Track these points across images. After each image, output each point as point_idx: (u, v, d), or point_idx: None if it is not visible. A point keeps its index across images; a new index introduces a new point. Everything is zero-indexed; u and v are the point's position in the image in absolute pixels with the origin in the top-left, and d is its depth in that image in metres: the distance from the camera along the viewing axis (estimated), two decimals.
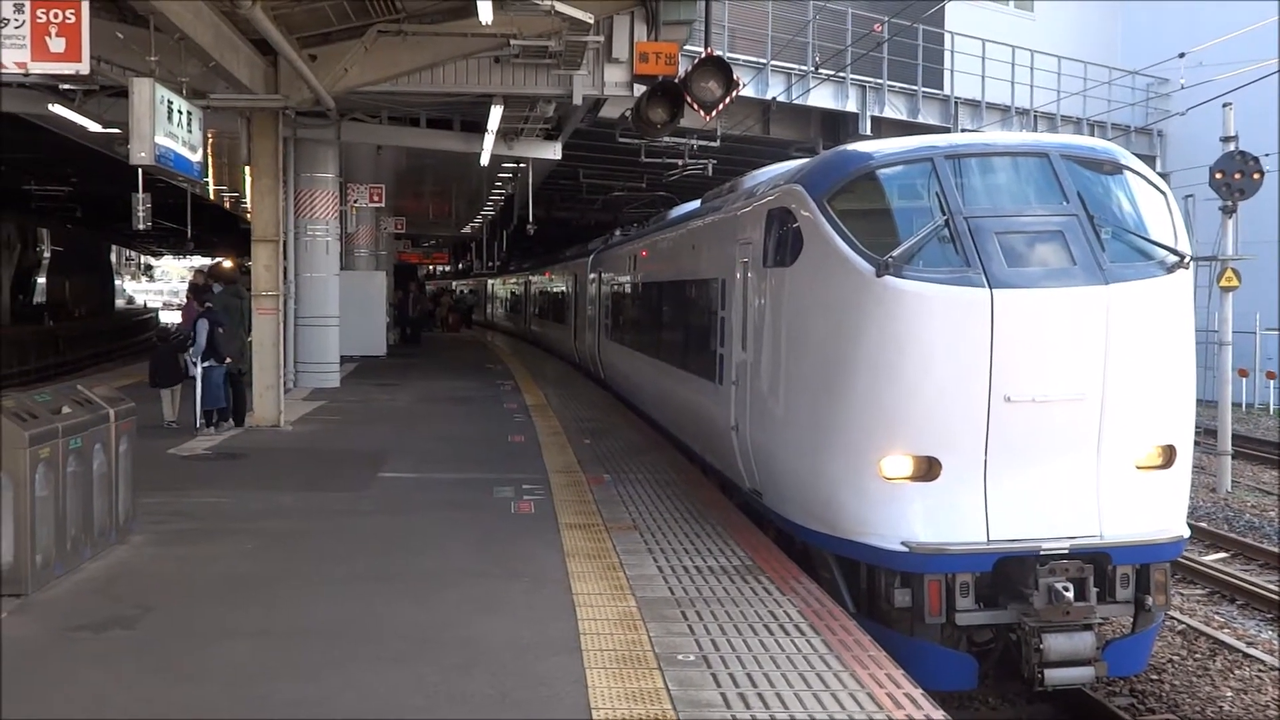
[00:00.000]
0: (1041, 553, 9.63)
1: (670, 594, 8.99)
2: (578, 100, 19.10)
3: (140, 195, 15.76)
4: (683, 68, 16.15)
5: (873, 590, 10.12)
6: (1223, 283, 23.01)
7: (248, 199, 24.49)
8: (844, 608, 9.31)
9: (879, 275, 9.63)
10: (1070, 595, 9.47)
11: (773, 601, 8.86)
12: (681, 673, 7.20)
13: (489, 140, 23.61)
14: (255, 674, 7.15)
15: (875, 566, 10.00)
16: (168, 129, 13.45)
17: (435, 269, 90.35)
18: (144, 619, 8.31)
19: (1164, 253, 10.02)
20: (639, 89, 17.53)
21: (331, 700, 6.71)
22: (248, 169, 20.79)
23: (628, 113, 16.85)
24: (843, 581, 10.31)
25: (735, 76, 15.16)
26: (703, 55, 15.62)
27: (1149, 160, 35.12)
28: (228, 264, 25.89)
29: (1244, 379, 34.28)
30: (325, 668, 7.26)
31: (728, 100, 14.42)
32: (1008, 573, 9.74)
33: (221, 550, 10.38)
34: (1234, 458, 23.91)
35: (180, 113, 13.97)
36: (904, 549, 9.65)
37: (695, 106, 14.49)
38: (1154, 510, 10.02)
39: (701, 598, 8.90)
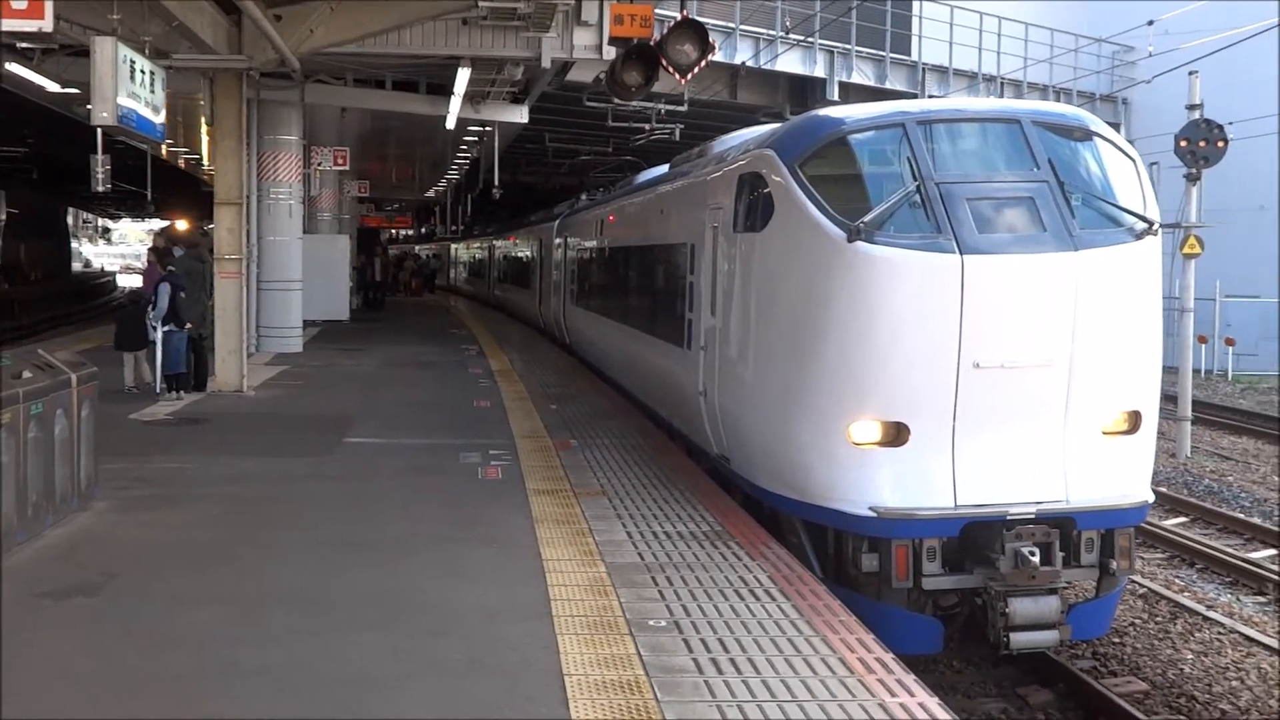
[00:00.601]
0: (1008, 518, 9.66)
1: (640, 559, 8.97)
2: (546, 63, 18.97)
3: (99, 157, 15.58)
4: (657, 31, 16.04)
5: (840, 555, 10.14)
6: (1185, 250, 23.12)
7: (208, 161, 24.28)
8: (811, 572, 9.31)
9: (850, 241, 9.59)
10: (1036, 560, 9.50)
11: (742, 567, 8.85)
12: (653, 638, 7.18)
13: (455, 103, 23.42)
14: (222, 641, 7.09)
15: (843, 531, 10.02)
16: (130, 89, 13.26)
17: (398, 233, 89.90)
18: (108, 586, 8.23)
19: (1133, 219, 10.03)
20: (609, 52, 17.41)
21: (300, 667, 6.66)
22: (205, 130, 20.58)
23: (601, 75, 16.72)
24: (810, 546, 10.32)
25: (710, 39, 15.06)
26: (678, 18, 15.49)
27: (1114, 128, 35.19)
28: (182, 225, 25.68)
29: (1203, 345, 34.51)
30: (293, 634, 7.21)
31: (703, 63, 14.34)
32: (974, 537, 9.77)
33: (185, 516, 10.30)
34: (1194, 423, 24.09)
35: (143, 73, 13.78)
36: (872, 514, 9.66)
37: (670, 69, 14.40)
38: (1119, 475, 10.07)
39: (671, 563, 8.89)
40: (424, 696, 6.21)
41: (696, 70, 14.34)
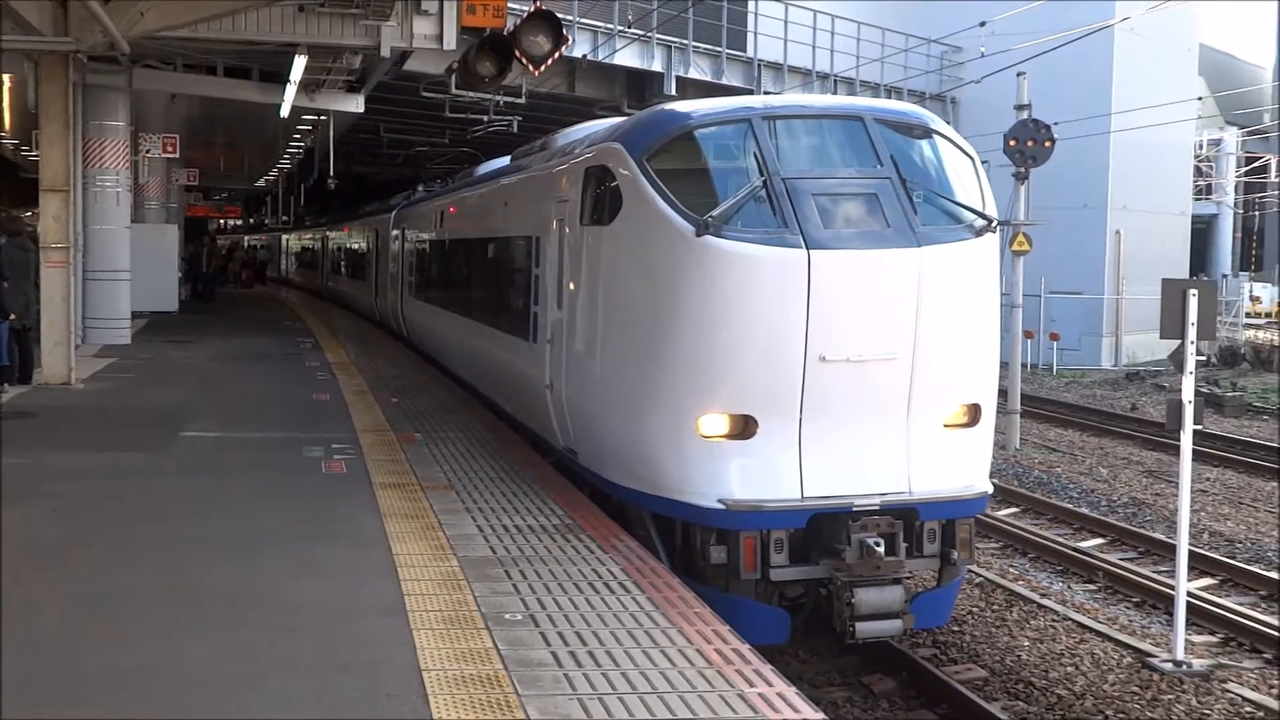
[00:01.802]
0: (854, 509, 9.80)
1: (492, 553, 8.92)
2: (385, 52, 18.76)
3: None
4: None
5: (688, 547, 10.20)
6: (1015, 247, 23.73)
7: (32, 147, 23.55)
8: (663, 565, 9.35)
9: (698, 235, 9.64)
10: (881, 550, 9.66)
11: (595, 560, 8.86)
12: (510, 632, 7.15)
13: (290, 91, 23.04)
14: (66, 643, 6.87)
15: (692, 524, 10.08)
16: None
17: (227, 223, 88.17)
18: None
19: (972, 216, 10.25)
20: (450, 42, 17.28)
21: (151, 668, 6.47)
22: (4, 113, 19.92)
23: (454, 65, 16.54)
24: (659, 539, 10.35)
25: (564, 31, 14.98)
26: (531, 9, 15.39)
27: None
28: None
29: (1030, 340, 35.49)
30: (142, 635, 7.01)
31: (557, 55, 14.29)
32: (820, 529, 9.89)
33: (20, 514, 9.91)
34: (1022, 417, 24.76)
35: None
36: (721, 506, 9.73)
37: (524, 61, 14.31)
38: (960, 467, 10.28)
39: (524, 556, 8.85)
40: (282, 696, 6.08)
41: (550, 61, 14.28)
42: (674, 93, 31.01)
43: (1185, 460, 11.38)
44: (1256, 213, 69.22)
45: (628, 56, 30.85)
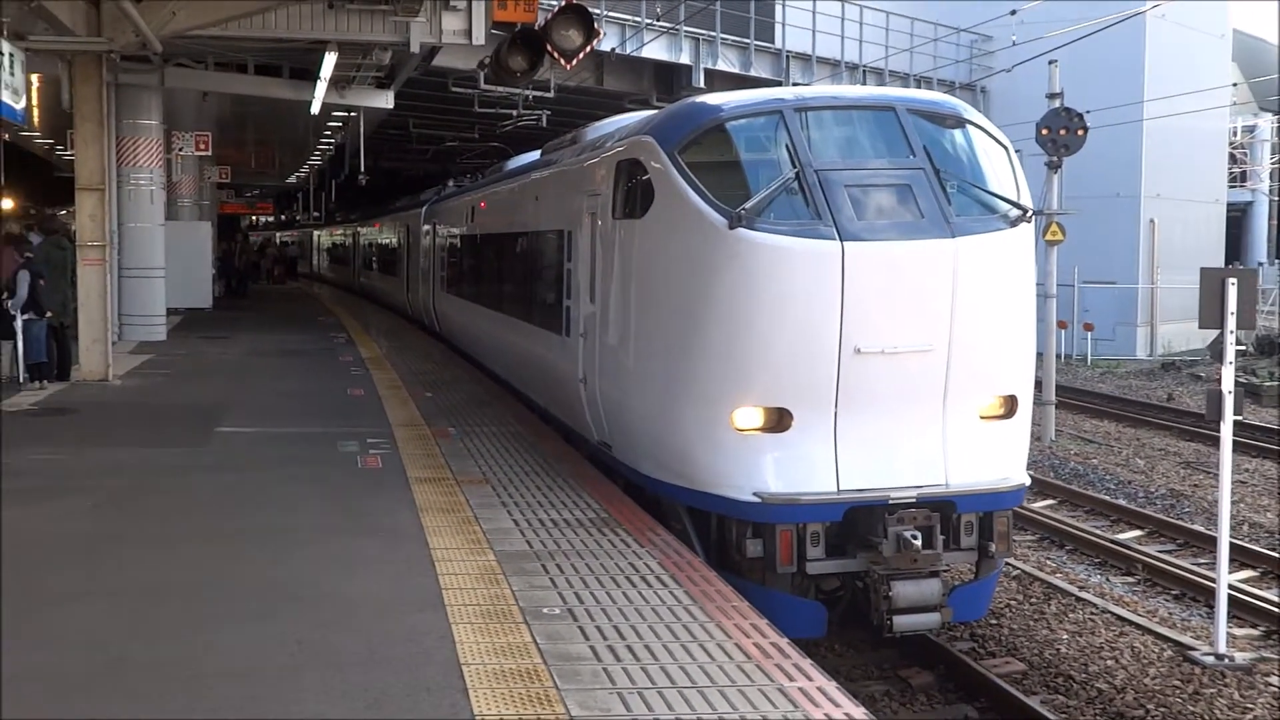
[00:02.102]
0: (890, 502, 9.77)
1: (529, 547, 8.93)
2: (415, 48, 18.79)
3: None
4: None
5: (724, 541, 10.19)
6: (1048, 237, 23.60)
7: (67, 146, 23.68)
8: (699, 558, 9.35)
9: (731, 227, 9.63)
10: (918, 543, 9.63)
11: (631, 554, 8.85)
12: (548, 626, 7.16)
13: (320, 88, 23.10)
14: (111, 636, 6.92)
15: (727, 517, 10.07)
16: None
17: (258, 219, 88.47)
18: None
19: (1007, 206, 10.19)
20: (479, 37, 17.28)
21: (193, 661, 6.52)
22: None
23: (486, 60, 16.51)
24: (694, 532, 10.35)
25: (596, 25, 14.92)
26: (562, 3, 15.33)
27: None
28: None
29: (1064, 331, 35.29)
30: (183, 628, 7.06)
31: (589, 48, 14.23)
32: (857, 522, 9.87)
33: (61, 509, 10.04)
34: (1057, 407, 24.64)
35: (2, 54, 13.37)
36: (756, 500, 9.72)
37: (556, 55, 14.25)
38: (997, 459, 10.24)
39: (560, 550, 8.86)
40: (322, 690, 6.11)
41: (582, 55, 14.24)
42: (702, 85, 30.98)
43: (1225, 451, 11.30)
44: None
45: (656, 49, 30.81)
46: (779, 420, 9.79)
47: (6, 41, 13.67)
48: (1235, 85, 46.72)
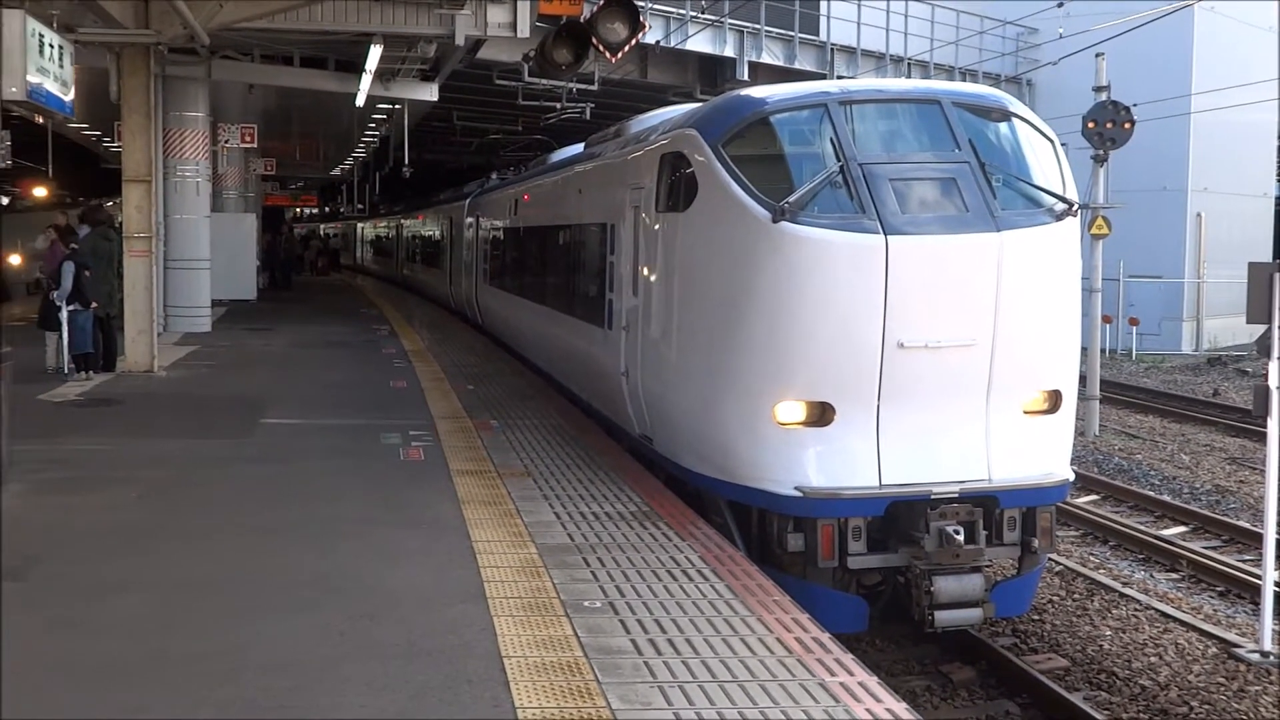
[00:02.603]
0: (932, 497, 9.73)
1: (570, 540, 8.94)
2: (460, 40, 18.86)
3: None
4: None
5: (765, 535, 10.17)
6: (1094, 230, 23.45)
7: (114, 138, 23.88)
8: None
9: (775, 221, 9.61)
10: (960, 538, 9.58)
11: (673, 547, 8.85)
12: (589, 619, 7.16)
13: (365, 81, 23.18)
14: (154, 627, 6.96)
15: (768, 511, 10.05)
16: (39, 63, 12.95)
17: (302, 211, 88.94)
18: (32, 571, 8.05)
19: (1053, 200, 10.13)
20: (524, 30, 17.31)
21: (234, 653, 6.54)
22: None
23: (531, 53, 16.53)
24: (735, 526, 10.34)
25: (641, 18, 14.89)
26: None
27: None
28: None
29: (1108, 325, 35.05)
30: (225, 619, 7.10)
31: (634, 41, 14.22)
32: (899, 517, 9.84)
33: (105, 499, 10.11)
34: (1101, 402, 24.49)
35: (51, 47, 13.46)
36: (797, 494, 9.70)
37: (601, 48, 14.24)
38: (1040, 454, 10.19)
39: (601, 544, 8.86)
40: (363, 682, 6.12)
41: (627, 49, 14.22)
42: (746, 78, 30.91)
43: (1273, 446, 11.20)
44: None
45: (700, 42, 30.77)
46: (821, 414, 9.77)
47: (56, 34, 13.75)
48: None
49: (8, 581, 7.76)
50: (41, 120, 26.54)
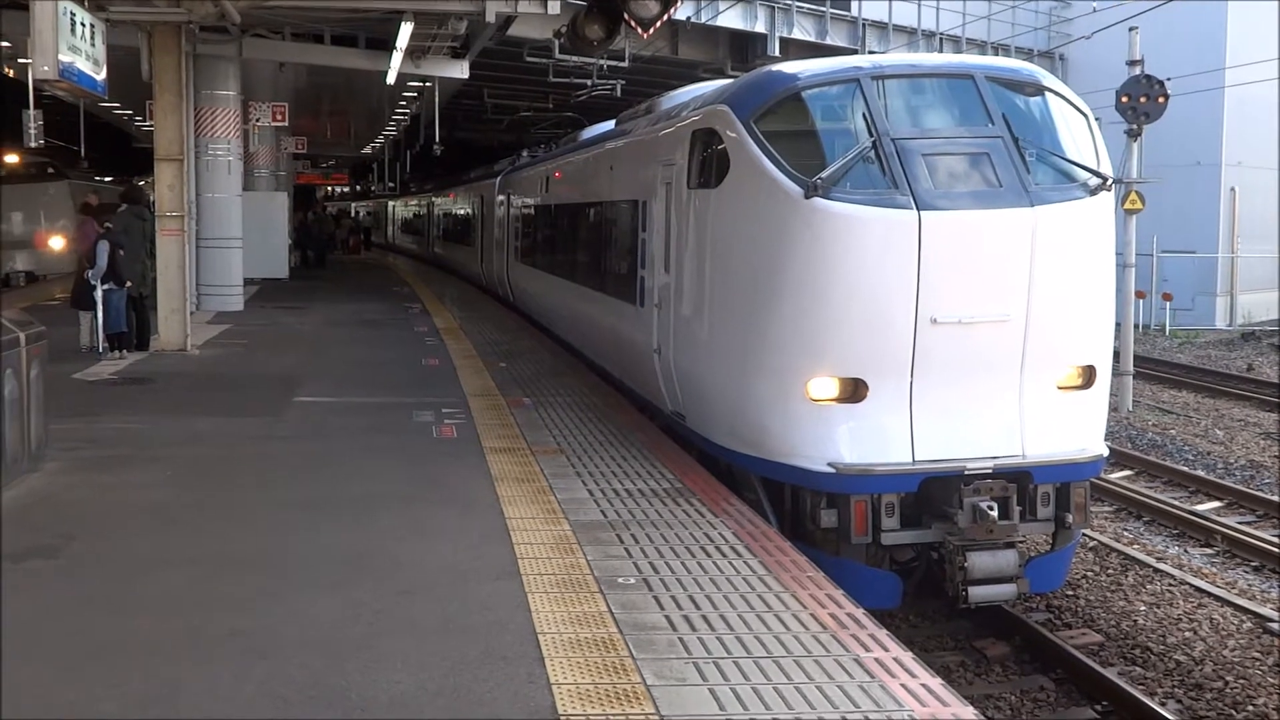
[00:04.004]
0: (966, 472, 9.70)
1: (603, 517, 8.95)
2: (490, 17, 18.81)
3: (31, 112, 15.27)
4: None
5: (798, 511, 10.17)
6: (1127, 206, 23.28)
7: (146, 117, 23.96)
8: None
9: (807, 197, 9.57)
10: (994, 514, 9.56)
11: (706, 524, 8.85)
12: (623, 596, 7.17)
13: (396, 58, 23.20)
14: (189, 605, 6.99)
15: (801, 487, 10.05)
16: (71, 42, 13.00)
17: (334, 190, 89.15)
18: (66, 548, 8.11)
19: (1086, 175, 10.07)
20: (554, 7, 17.26)
21: (270, 630, 6.58)
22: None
23: (562, 29, 16.47)
24: (768, 503, 10.34)
25: None
26: None
27: None
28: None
29: (1142, 301, 34.85)
30: (261, 597, 7.13)
31: (666, 17, 14.13)
32: (932, 492, 9.82)
33: (140, 477, 10.17)
34: (1135, 378, 24.35)
35: (83, 25, 13.51)
36: (830, 470, 9.69)
37: (633, 23, 14.17)
38: (1074, 430, 10.15)
39: (635, 520, 8.87)
40: (399, 658, 6.14)
41: (659, 24, 14.15)
42: (777, 54, 30.82)
43: None
44: None
45: (731, 18, 30.68)
46: (854, 390, 9.75)
47: (87, 12, 13.79)
48: None
49: (39, 559, 7.82)
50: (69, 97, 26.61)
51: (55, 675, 5.94)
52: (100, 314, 17.02)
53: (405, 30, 20.41)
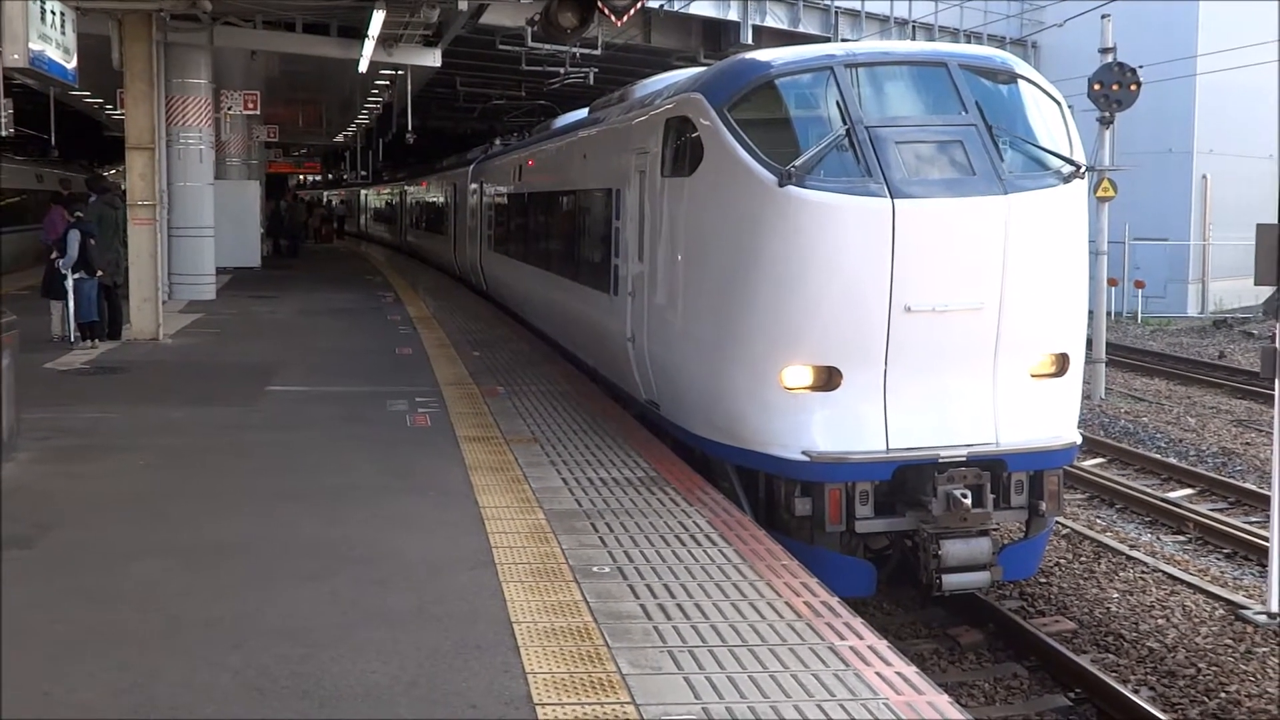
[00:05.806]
0: (940, 460, 9.72)
1: (578, 506, 8.95)
2: (463, 5, 18.79)
3: (1, 100, 15.16)
4: None
5: (772, 499, 10.17)
6: (1099, 193, 23.35)
7: (117, 106, 23.80)
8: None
9: (781, 185, 9.57)
10: (968, 502, 9.58)
11: (681, 512, 8.85)
12: (598, 585, 7.17)
13: (368, 46, 23.10)
14: (167, 594, 6.98)
15: (776, 476, 10.05)
16: (41, 30, 12.88)
17: (306, 178, 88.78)
18: (42, 538, 8.07)
19: (1060, 162, 10.10)
20: None
21: (247, 619, 6.56)
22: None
23: (535, 17, 16.42)
24: (742, 491, 10.33)
25: None
26: None
27: None
28: None
29: (1114, 288, 34.96)
30: (238, 586, 7.11)
31: (639, 4, 14.08)
32: (906, 480, 9.83)
33: (114, 467, 10.13)
34: (1107, 365, 24.44)
35: (54, 14, 13.40)
36: (805, 458, 9.69)
37: (607, 11, 14.12)
38: (1048, 418, 10.17)
39: (610, 509, 8.87)
40: (374, 647, 6.13)
41: (633, 11, 14.10)
42: (750, 42, 30.84)
43: (1279, 408, 11.17)
44: None
45: (704, 6, 30.70)
46: (828, 379, 9.75)
47: (57, 1, 13.68)
48: None
49: (16, 549, 7.78)
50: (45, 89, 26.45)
51: (31, 666, 5.91)
52: (71, 303, 16.93)
53: (377, 18, 20.33)
